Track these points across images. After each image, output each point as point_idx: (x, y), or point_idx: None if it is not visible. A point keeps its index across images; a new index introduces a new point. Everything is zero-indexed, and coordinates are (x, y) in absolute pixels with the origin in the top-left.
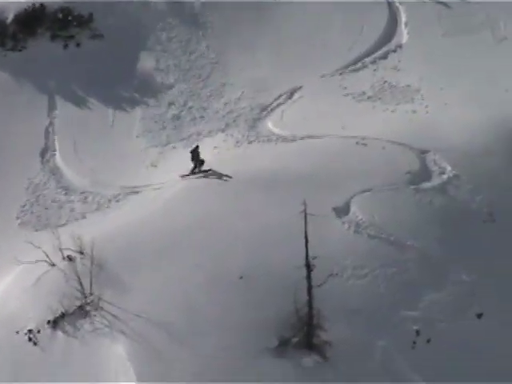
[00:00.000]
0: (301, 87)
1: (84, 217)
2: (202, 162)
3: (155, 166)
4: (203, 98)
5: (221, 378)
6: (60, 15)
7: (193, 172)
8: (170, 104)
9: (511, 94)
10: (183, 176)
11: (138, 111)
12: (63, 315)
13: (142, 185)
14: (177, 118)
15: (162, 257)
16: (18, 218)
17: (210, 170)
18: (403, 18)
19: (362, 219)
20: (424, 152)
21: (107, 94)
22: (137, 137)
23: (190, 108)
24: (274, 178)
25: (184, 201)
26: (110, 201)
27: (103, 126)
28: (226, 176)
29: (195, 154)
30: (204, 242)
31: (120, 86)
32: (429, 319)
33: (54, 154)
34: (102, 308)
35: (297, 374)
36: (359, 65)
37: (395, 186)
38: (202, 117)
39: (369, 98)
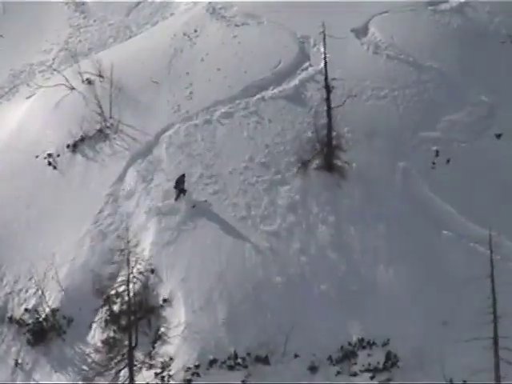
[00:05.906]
0: None
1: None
2: (184, 192)
3: None
4: None
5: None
6: None
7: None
8: None
9: None
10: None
11: None
12: (83, 139)
13: None
14: None
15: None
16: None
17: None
18: None
19: (380, 40)
20: None
21: None
22: None
23: None
24: None
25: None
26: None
27: None
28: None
29: (180, 182)
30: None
31: None
32: (448, 140)
33: None
34: (121, 131)
35: (317, 192)
36: None
37: (413, 7)
38: None
39: None
